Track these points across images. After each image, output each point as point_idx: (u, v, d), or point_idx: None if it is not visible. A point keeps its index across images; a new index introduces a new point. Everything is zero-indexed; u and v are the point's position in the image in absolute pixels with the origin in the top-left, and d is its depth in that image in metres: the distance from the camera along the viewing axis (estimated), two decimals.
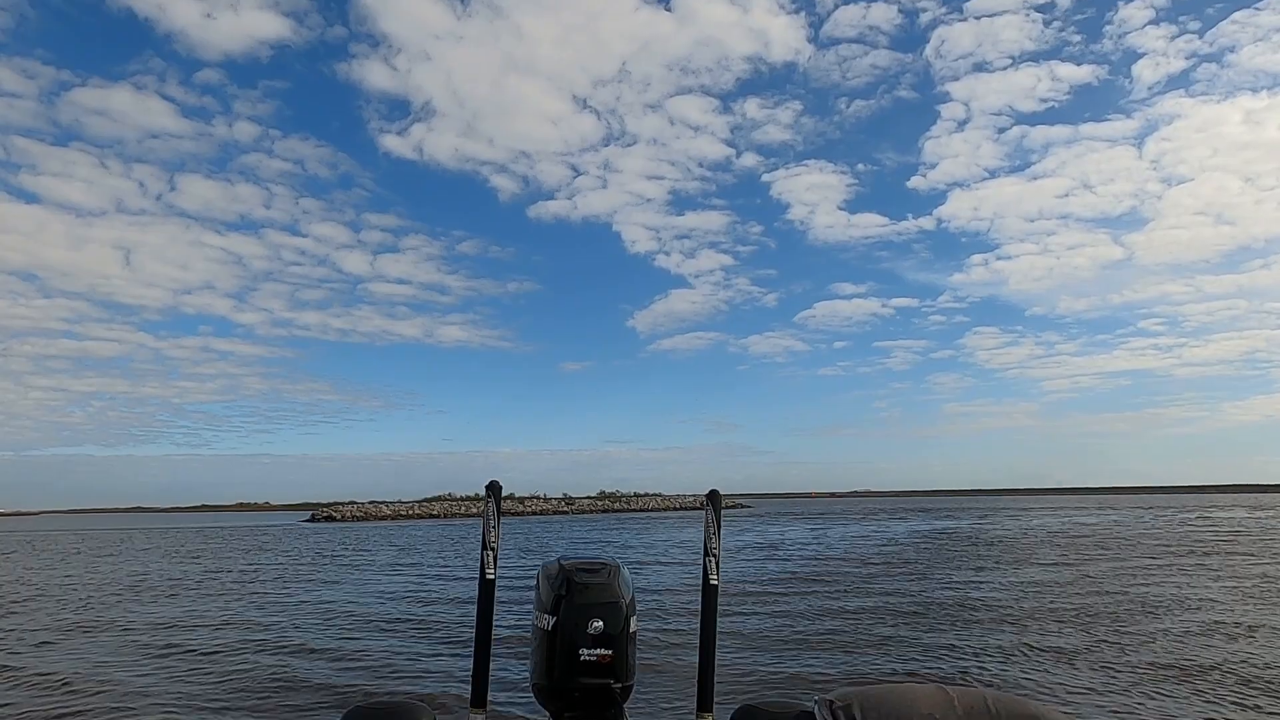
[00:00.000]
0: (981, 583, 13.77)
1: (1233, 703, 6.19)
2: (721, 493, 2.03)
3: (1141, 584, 12.91)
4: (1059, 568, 15.95)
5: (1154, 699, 6.34)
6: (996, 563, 17.10)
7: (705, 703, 1.75)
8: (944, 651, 8.07)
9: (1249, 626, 9.08)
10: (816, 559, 19.26)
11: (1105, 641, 8.36)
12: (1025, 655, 7.82)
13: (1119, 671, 7.17)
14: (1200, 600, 11.13)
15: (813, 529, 35.07)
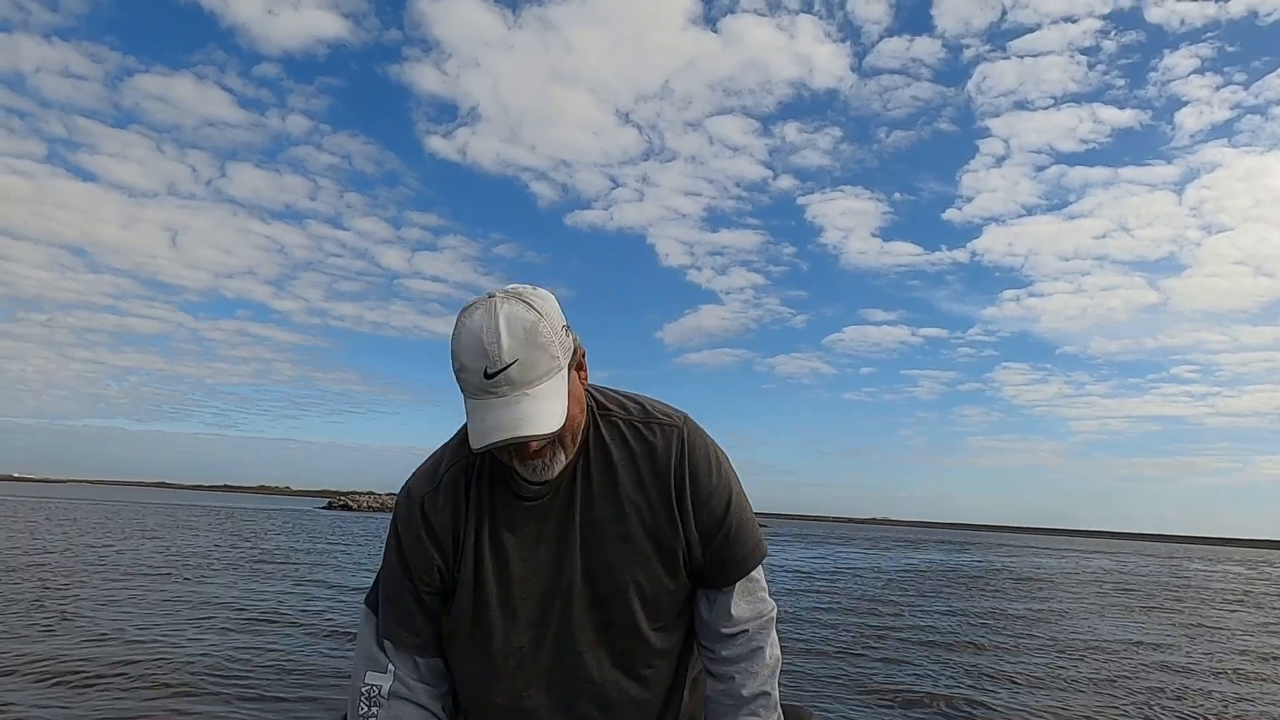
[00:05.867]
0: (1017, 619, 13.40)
1: None
2: None
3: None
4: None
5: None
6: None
7: None
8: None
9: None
10: (842, 588, 18.95)
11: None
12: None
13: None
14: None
15: (838, 556, 34.60)
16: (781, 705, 1.35)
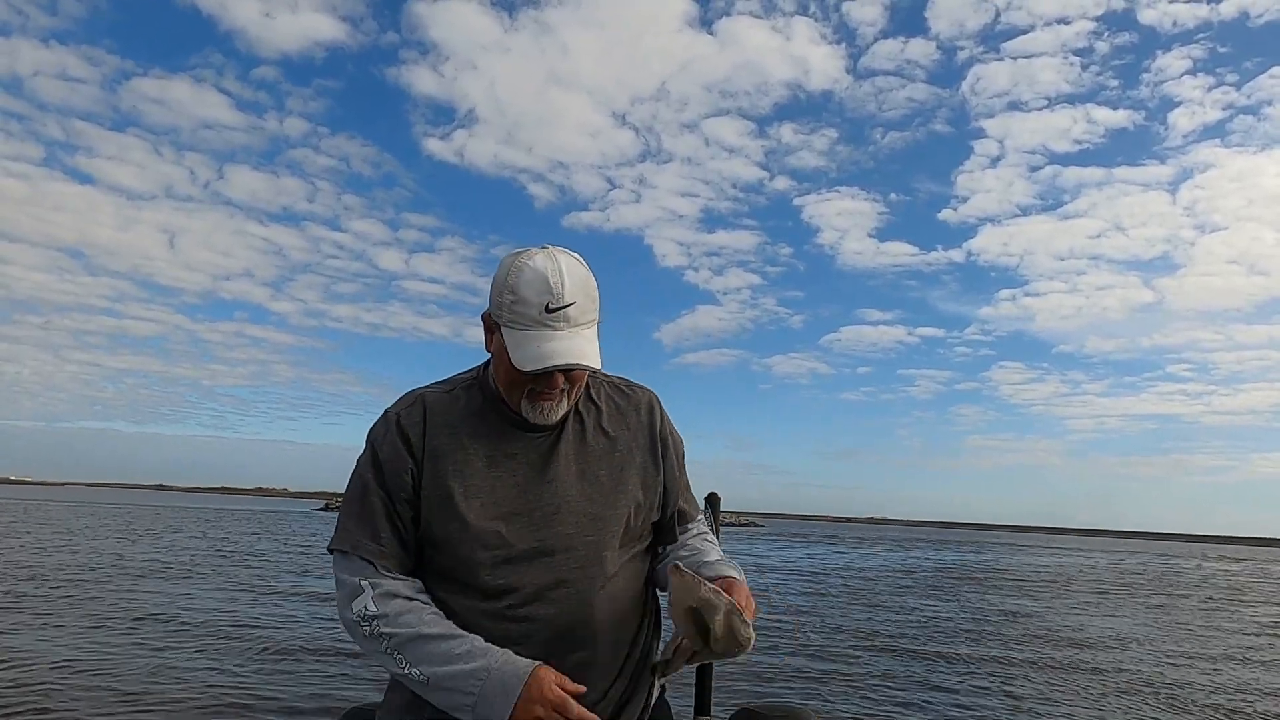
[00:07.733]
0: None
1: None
2: (736, 510, 1.98)
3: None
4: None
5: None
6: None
7: (704, 705, 1.71)
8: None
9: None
10: (841, 586, 19.03)
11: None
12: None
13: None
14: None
15: (836, 556, 34.64)
16: (781, 705, 1.45)
